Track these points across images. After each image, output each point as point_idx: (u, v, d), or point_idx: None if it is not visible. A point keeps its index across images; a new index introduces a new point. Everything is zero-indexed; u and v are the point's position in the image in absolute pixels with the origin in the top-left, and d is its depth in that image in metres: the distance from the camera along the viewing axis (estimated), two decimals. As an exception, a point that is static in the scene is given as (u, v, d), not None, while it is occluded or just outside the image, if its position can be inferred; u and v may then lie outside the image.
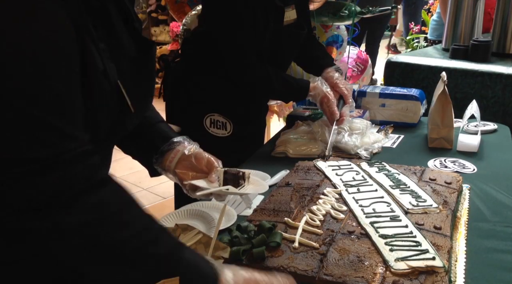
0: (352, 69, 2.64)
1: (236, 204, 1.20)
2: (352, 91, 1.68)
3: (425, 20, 5.52)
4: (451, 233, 0.96)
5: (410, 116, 1.79)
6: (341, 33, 2.46)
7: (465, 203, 1.16)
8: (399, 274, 0.81)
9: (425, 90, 1.90)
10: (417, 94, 1.79)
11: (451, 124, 1.55)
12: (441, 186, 1.15)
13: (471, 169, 1.40)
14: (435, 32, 3.52)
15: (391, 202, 1.06)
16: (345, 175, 1.22)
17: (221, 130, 1.61)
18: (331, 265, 0.84)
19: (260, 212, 1.05)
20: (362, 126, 1.62)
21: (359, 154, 1.48)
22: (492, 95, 2.07)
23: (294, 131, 1.61)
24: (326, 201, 1.07)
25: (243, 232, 0.94)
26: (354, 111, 1.73)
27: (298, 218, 1.00)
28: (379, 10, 2.36)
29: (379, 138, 1.59)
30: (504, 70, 2.06)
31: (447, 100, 1.54)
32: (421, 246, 0.88)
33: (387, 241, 0.90)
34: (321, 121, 1.62)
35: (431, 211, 1.02)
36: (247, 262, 0.86)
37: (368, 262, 0.84)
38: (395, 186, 1.14)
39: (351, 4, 2.29)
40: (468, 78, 2.13)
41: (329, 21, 2.37)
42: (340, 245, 0.90)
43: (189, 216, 1.13)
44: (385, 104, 1.81)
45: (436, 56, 2.41)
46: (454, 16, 2.50)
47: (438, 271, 0.81)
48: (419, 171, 1.24)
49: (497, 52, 2.40)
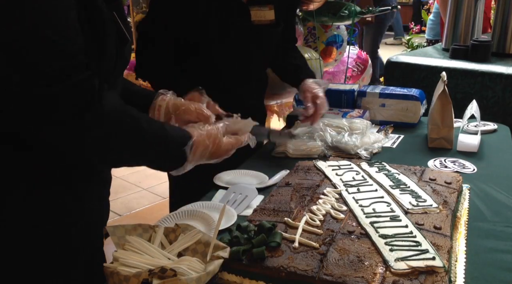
0: (352, 69, 2.64)
1: (236, 204, 1.20)
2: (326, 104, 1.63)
3: (424, 20, 5.52)
4: (451, 233, 0.96)
5: (410, 116, 1.79)
6: (341, 33, 2.46)
7: (465, 203, 1.16)
8: (399, 274, 0.81)
9: (425, 90, 1.90)
10: (417, 94, 1.79)
11: (451, 124, 1.55)
12: (441, 186, 1.15)
13: (471, 169, 1.40)
14: (432, 31, 3.53)
15: (391, 202, 1.06)
16: (345, 175, 1.22)
17: None
18: (331, 265, 0.84)
19: (260, 212, 1.05)
20: (362, 126, 1.62)
21: (359, 154, 1.48)
22: (492, 95, 2.07)
23: (294, 131, 1.61)
24: (326, 201, 1.07)
25: (243, 232, 0.94)
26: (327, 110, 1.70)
27: (298, 218, 1.00)
28: (379, 10, 2.36)
29: (379, 138, 1.59)
30: (504, 70, 2.06)
31: (447, 100, 1.54)
32: (421, 246, 0.88)
33: (387, 241, 0.90)
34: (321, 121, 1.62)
35: (431, 211, 1.02)
36: (247, 262, 0.86)
37: (368, 262, 0.84)
38: (395, 186, 1.14)
39: (351, 4, 2.29)
40: (468, 78, 2.13)
41: (329, 21, 2.37)
42: (340, 245, 0.90)
43: (189, 217, 1.13)
44: (385, 104, 1.81)
45: (436, 56, 2.41)
46: (454, 16, 2.50)
47: (438, 271, 0.81)
48: (419, 171, 1.24)
49: (497, 52, 2.40)
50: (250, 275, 0.86)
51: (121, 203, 3.23)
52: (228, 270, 0.87)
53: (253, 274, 0.85)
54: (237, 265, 0.86)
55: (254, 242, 0.88)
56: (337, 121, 1.64)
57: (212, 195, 1.27)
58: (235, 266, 0.87)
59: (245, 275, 0.86)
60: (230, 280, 0.87)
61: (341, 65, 2.59)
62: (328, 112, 1.78)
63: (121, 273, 0.79)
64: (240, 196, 1.22)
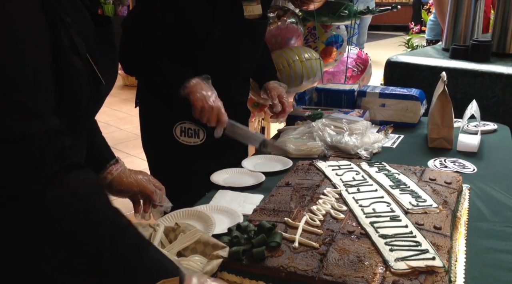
0: (352, 69, 2.64)
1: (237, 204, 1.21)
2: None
3: (425, 20, 5.52)
4: (451, 233, 0.96)
5: (410, 116, 1.79)
6: (341, 33, 2.46)
7: (465, 203, 1.16)
8: (399, 274, 0.81)
9: (425, 90, 1.90)
10: (417, 94, 1.79)
11: (451, 124, 1.55)
12: (441, 186, 1.15)
13: (471, 169, 1.40)
14: (432, 31, 3.52)
15: (391, 202, 1.06)
16: (345, 175, 1.22)
17: (192, 138, 1.57)
18: (331, 265, 0.84)
19: (260, 212, 1.05)
20: (362, 126, 1.62)
21: (359, 154, 1.48)
22: (492, 95, 2.07)
23: (294, 131, 1.61)
24: (326, 201, 1.07)
25: (243, 232, 0.94)
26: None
27: (298, 218, 1.00)
28: (379, 10, 2.36)
29: (379, 138, 1.59)
30: (504, 70, 2.06)
31: (447, 100, 1.53)
32: (421, 246, 0.88)
33: (387, 241, 0.90)
34: (320, 121, 1.62)
35: (431, 211, 1.02)
36: (247, 262, 0.86)
37: (368, 262, 0.84)
38: (395, 186, 1.14)
39: (351, 4, 2.29)
40: (468, 78, 2.13)
41: (329, 21, 2.37)
42: (340, 245, 0.90)
43: (189, 217, 1.13)
44: (385, 104, 1.81)
45: (436, 56, 2.41)
46: (454, 16, 2.50)
47: (438, 271, 0.81)
48: (419, 171, 1.24)
49: (497, 52, 2.40)
50: (250, 275, 0.85)
51: (121, 203, 3.22)
52: (228, 270, 0.87)
53: (253, 274, 0.85)
54: (237, 265, 0.86)
55: (254, 242, 0.88)
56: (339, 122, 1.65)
57: (212, 195, 1.27)
58: (235, 266, 0.86)
59: (245, 275, 0.86)
60: (230, 280, 0.87)
61: (341, 65, 2.59)
62: (328, 112, 1.78)
63: None
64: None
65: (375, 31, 10.20)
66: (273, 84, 1.73)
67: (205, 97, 1.39)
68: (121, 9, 7.97)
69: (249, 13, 1.55)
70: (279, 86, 1.73)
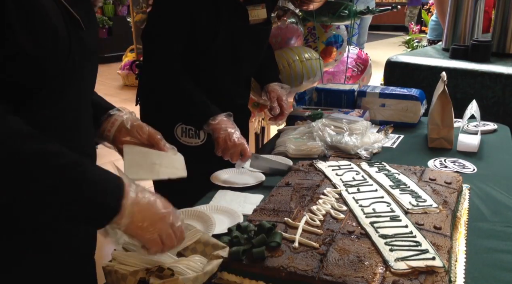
0: (352, 69, 2.64)
1: (238, 204, 1.21)
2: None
3: (425, 20, 5.52)
4: (451, 233, 0.96)
5: (410, 116, 1.79)
6: (341, 33, 2.45)
7: (465, 203, 1.16)
8: (399, 274, 0.81)
9: (425, 90, 1.90)
10: (417, 94, 1.79)
11: (451, 124, 1.55)
12: (441, 186, 1.15)
13: (471, 169, 1.40)
14: (434, 32, 3.52)
15: (391, 202, 1.06)
16: (345, 175, 1.22)
17: (193, 139, 1.56)
18: (331, 265, 0.84)
19: (260, 212, 1.05)
20: (362, 126, 1.62)
21: (359, 154, 1.48)
22: (492, 95, 2.07)
23: (294, 131, 1.61)
24: (326, 201, 1.07)
25: (243, 232, 0.94)
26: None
27: (298, 218, 1.00)
28: (379, 10, 2.36)
29: (379, 138, 1.59)
30: (504, 70, 2.06)
31: (447, 100, 1.53)
32: (421, 246, 0.88)
33: (387, 241, 0.90)
34: (320, 121, 1.62)
35: (431, 211, 1.02)
36: (247, 262, 0.86)
37: (368, 262, 0.84)
38: (395, 186, 1.14)
39: (351, 4, 2.29)
40: (468, 78, 2.13)
41: (329, 21, 2.37)
42: (340, 245, 0.90)
43: (188, 217, 1.13)
44: (385, 104, 1.81)
45: (436, 56, 2.41)
46: (454, 16, 2.50)
47: (438, 271, 0.81)
48: (419, 171, 1.24)
49: (497, 52, 2.40)
50: (250, 275, 0.86)
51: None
52: (228, 270, 0.87)
53: (253, 274, 0.85)
54: (237, 265, 0.86)
55: (254, 242, 0.88)
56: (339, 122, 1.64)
57: (212, 195, 1.27)
58: (235, 266, 0.87)
59: (245, 275, 0.86)
60: (230, 280, 0.87)
61: (341, 65, 2.59)
62: (328, 112, 1.78)
63: (119, 271, 0.79)
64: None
65: (375, 31, 10.20)
66: (273, 86, 1.73)
67: (229, 135, 1.39)
68: (121, 9, 7.98)
69: (254, 17, 1.56)
70: (279, 89, 1.72)
